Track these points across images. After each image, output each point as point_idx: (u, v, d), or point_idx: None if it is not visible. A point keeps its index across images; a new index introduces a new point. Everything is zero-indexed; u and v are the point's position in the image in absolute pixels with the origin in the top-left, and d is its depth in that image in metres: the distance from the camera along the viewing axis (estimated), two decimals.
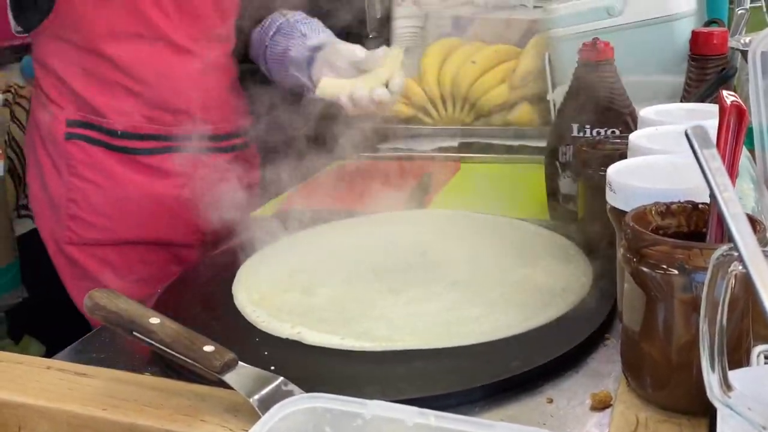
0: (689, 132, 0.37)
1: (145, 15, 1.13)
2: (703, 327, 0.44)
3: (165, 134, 1.21)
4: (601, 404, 0.59)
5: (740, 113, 0.52)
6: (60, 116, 1.19)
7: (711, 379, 0.44)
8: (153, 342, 0.60)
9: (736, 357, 0.51)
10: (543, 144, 1.01)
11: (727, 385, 0.43)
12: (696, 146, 0.37)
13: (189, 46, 1.20)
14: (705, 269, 0.48)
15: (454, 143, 1.39)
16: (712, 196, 0.52)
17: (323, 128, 1.21)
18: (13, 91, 1.79)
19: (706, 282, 0.43)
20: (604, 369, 0.65)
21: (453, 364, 0.66)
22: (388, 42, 1.75)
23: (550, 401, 0.61)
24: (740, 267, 0.40)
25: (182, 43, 1.19)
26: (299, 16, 1.31)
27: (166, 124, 1.21)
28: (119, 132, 1.19)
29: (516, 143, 1.33)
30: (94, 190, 1.19)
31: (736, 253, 0.40)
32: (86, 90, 1.16)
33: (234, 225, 0.95)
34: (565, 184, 0.96)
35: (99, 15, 1.10)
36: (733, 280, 0.42)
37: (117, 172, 1.20)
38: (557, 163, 0.96)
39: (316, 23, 1.31)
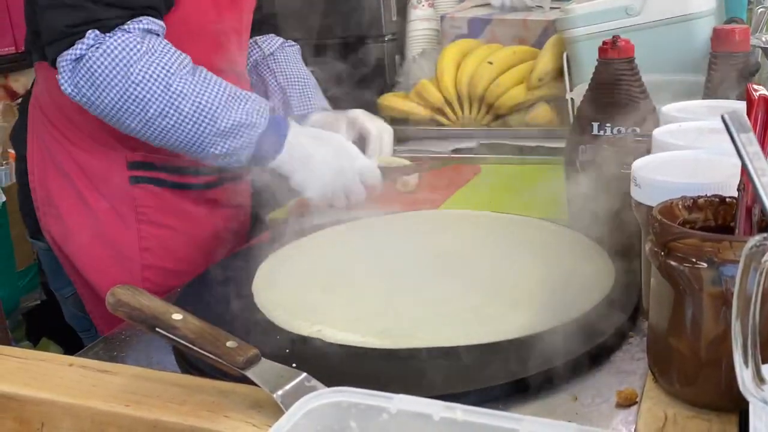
0: (726, 117, 0.37)
1: (229, 51, 1.07)
2: (736, 320, 0.43)
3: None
4: (627, 401, 0.58)
5: None
6: (119, 159, 1.08)
7: (744, 374, 0.43)
8: (176, 338, 0.60)
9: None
10: (561, 144, 1.00)
11: (760, 379, 0.42)
12: (733, 131, 0.36)
13: (245, 74, 1.19)
14: (734, 262, 0.47)
15: (472, 144, 1.39)
16: (741, 189, 0.52)
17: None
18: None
19: (738, 274, 0.42)
20: (629, 366, 0.64)
21: (475, 363, 0.65)
22: (403, 44, 1.75)
23: (575, 399, 0.60)
24: None
25: (243, 72, 1.17)
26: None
27: None
28: (186, 168, 1.10)
29: (534, 144, 1.33)
30: (169, 234, 1.10)
31: None
32: None
33: None
34: (585, 183, 0.95)
35: (185, 51, 0.99)
36: (766, 272, 0.42)
37: (188, 211, 1.12)
38: (577, 162, 0.95)
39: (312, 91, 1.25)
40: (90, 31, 0.92)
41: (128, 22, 0.93)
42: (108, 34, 0.92)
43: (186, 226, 1.11)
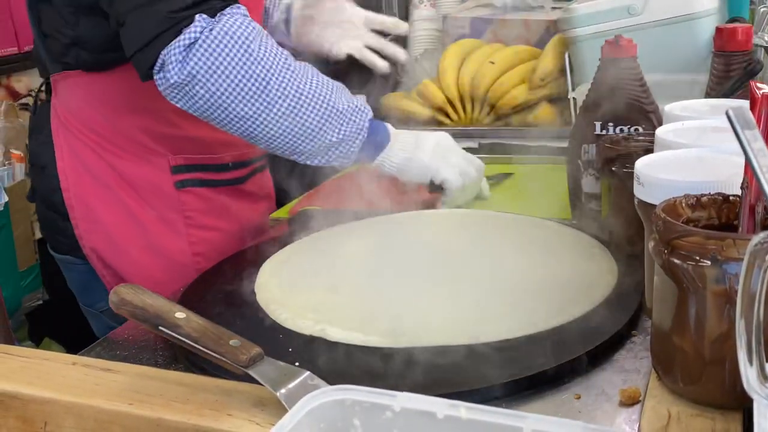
0: (731, 113, 0.36)
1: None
2: (739, 318, 0.43)
3: (259, 155, 1.16)
4: (630, 400, 0.58)
5: None
6: (162, 165, 1.06)
7: (748, 372, 0.43)
8: (179, 336, 0.60)
9: None
10: (563, 144, 1.00)
11: (764, 377, 0.42)
12: (738, 127, 0.36)
13: None
14: (738, 260, 0.47)
15: (474, 144, 1.38)
16: (744, 187, 0.52)
17: None
18: (33, 95, 1.80)
19: (743, 272, 0.42)
20: (632, 365, 0.64)
21: (478, 361, 0.65)
22: (405, 44, 1.75)
23: (578, 397, 0.60)
24: None
25: None
26: None
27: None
28: (230, 164, 1.10)
29: (536, 143, 1.33)
30: (217, 235, 1.08)
31: None
32: (194, 126, 1.02)
33: None
34: (588, 183, 0.95)
35: None
36: None
37: (232, 208, 1.11)
38: (579, 162, 0.95)
39: None
40: (198, 15, 0.88)
41: (230, 7, 0.91)
42: (216, 18, 0.89)
43: (231, 225, 1.10)
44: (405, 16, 1.79)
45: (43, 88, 1.14)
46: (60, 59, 1.04)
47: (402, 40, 1.78)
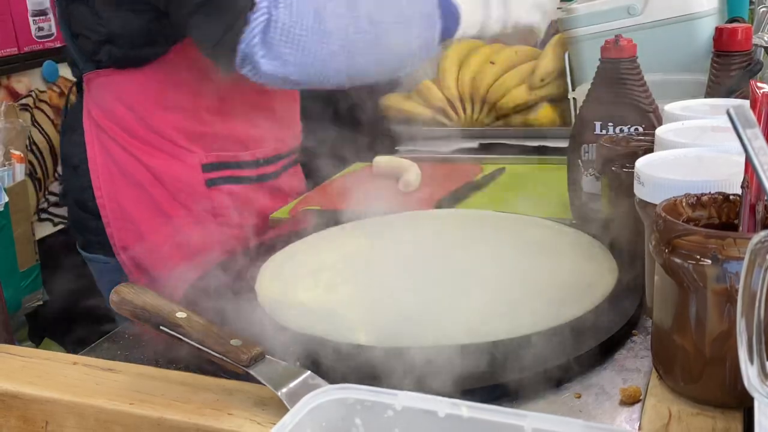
0: (731, 112, 0.37)
1: None
2: (740, 317, 0.43)
3: (289, 151, 1.18)
4: (631, 399, 0.58)
5: None
6: (193, 162, 1.06)
7: (749, 371, 0.43)
8: (180, 336, 0.60)
9: None
10: (564, 144, 1.00)
11: (765, 375, 0.42)
12: (739, 126, 0.36)
13: None
14: (739, 259, 0.47)
15: (474, 144, 1.39)
16: (745, 186, 0.52)
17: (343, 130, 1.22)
18: (34, 95, 1.81)
19: (743, 271, 0.42)
20: (632, 364, 0.64)
21: (479, 361, 0.65)
22: None
23: (579, 396, 0.60)
24: None
25: None
26: None
27: (288, 139, 1.17)
28: (261, 160, 1.11)
29: (536, 144, 1.33)
30: (246, 233, 1.05)
31: None
32: (226, 123, 1.02)
33: None
34: (588, 183, 0.95)
35: None
36: None
37: (260, 205, 1.10)
38: (579, 162, 0.95)
39: None
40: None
41: None
42: None
43: (259, 222, 1.09)
44: None
45: (74, 88, 1.15)
46: (92, 57, 1.05)
47: None
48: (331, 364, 0.65)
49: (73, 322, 1.30)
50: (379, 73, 0.96)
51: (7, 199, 1.75)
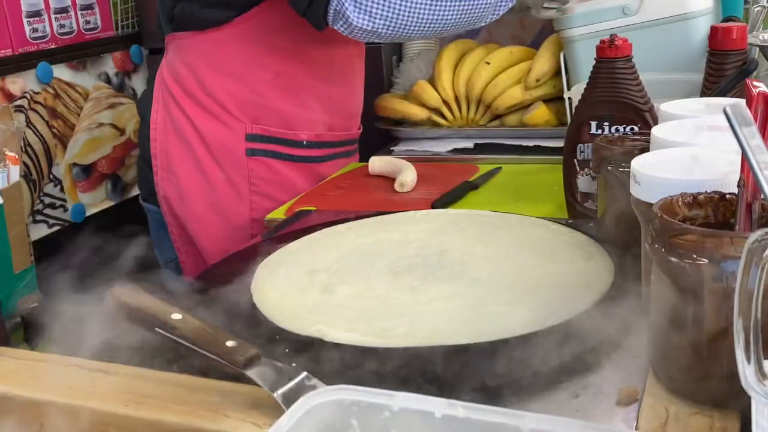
0: (728, 110, 0.36)
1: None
2: (737, 317, 0.43)
3: (338, 140, 1.20)
4: (629, 399, 0.58)
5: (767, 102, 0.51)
6: (238, 130, 1.12)
7: (746, 370, 0.43)
8: (176, 338, 0.59)
9: None
10: (560, 144, 1.00)
11: (762, 375, 0.42)
12: (735, 124, 0.36)
13: (362, 46, 1.21)
14: (735, 258, 0.47)
15: (470, 145, 1.39)
16: (741, 185, 0.52)
17: None
18: (28, 96, 1.80)
19: (740, 270, 0.42)
20: (630, 364, 0.64)
21: (475, 361, 0.65)
22: (400, 45, 1.75)
23: (576, 397, 0.60)
24: None
25: (361, 44, 1.19)
26: None
27: (341, 129, 1.19)
28: (305, 142, 1.15)
29: (532, 143, 1.33)
30: (276, 207, 1.12)
31: None
32: (277, 99, 1.08)
33: None
34: (584, 182, 0.95)
35: None
36: (767, 267, 0.42)
37: (298, 184, 1.15)
38: (575, 162, 0.95)
39: None
40: None
41: None
42: None
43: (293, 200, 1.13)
44: None
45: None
46: (168, 17, 1.11)
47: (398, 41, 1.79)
48: (328, 365, 0.65)
49: (69, 323, 1.29)
50: (461, 23, 1.00)
51: (1, 200, 1.74)
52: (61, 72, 1.86)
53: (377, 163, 1.24)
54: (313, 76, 1.12)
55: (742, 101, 0.53)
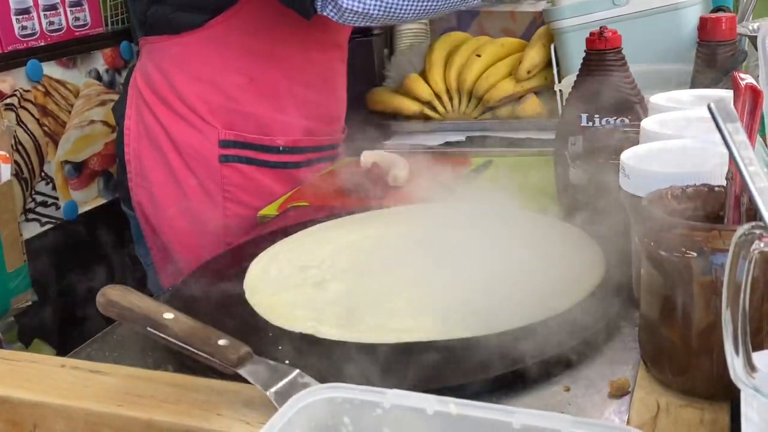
0: (712, 106, 0.37)
1: (328, 21, 1.04)
2: (726, 309, 0.43)
3: (318, 145, 1.18)
4: (620, 391, 0.58)
5: (755, 94, 0.52)
6: (211, 136, 1.10)
7: (735, 362, 0.43)
8: (167, 337, 0.59)
9: (758, 339, 0.51)
10: (551, 136, 1.00)
11: (751, 367, 0.43)
12: (719, 120, 0.36)
13: (344, 50, 1.19)
14: (724, 251, 0.47)
15: (462, 138, 1.39)
16: (729, 177, 0.52)
17: None
18: (18, 95, 1.79)
19: (728, 262, 0.42)
20: (621, 356, 0.64)
21: (468, 356, 0.65)
22: (391, 38, 1.75)
23: (568, 389, 0.60)
24: (762, 245, 0.40)
25: (343, 47, 1.17)
26: None
27: (320, 134, 1.17)
28: (281, 148, 1.12)
29: (524, 136, 1.33)
30: (251, 213, 1.10)
31: (758, 231, 0.39)
32: (252, 104, 1.05)
33: None
34: (575, 175, 0.95)
35: (284, 20, 1.02)
36: (755, 260, 0.42)
37: (274, 191, 1.13)
38: (566, 154, 0.95)
39: None
40: None
41: None
42: None
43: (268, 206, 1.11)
44: None
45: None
46: (141, 21, 1.10)
47: (389, 35, 1.78)
48: (321, 362, 0.65)
49: (63, 322, 1.29)
50: (451, 4, 0.98)
51: None
52: (51, 69, 1.84)
53: (369, 158, 1.24)
54: (290, 79, 1.09)
55: (730, 94, 0.53)
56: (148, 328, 0.60)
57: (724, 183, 0.54)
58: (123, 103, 1.18)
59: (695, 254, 0.50)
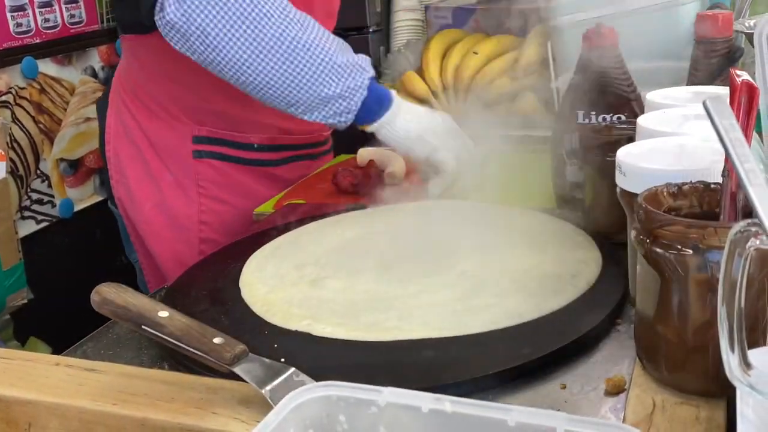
0: (708, 103, 0.36)
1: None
2: (721, 306, 0.43)
3: (297, 143, 1.17)
4: (616, 389, 0.58)
5: (751, 91, 0.51)
6: (185, 132, 1.09)
7: (730, 359, 0.43)
8: (163, 336, 0.59)
9: (753, 336, 0.51)
10: (547, 133, 1.00)
11: (746, 364, 0.43)
12: (715, 117, 0.36)
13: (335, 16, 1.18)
14: (720, 248, 0.47)
15: None
16: (725, 174, 0.52)
17: None
18: (13, 92, 1.79)
19: (724, 259, 0.42)
20: (617, 354, 0.64)
21: (464, 353, 0.65)
22: (388, 35, 1.75)
23: (564, 387, 0.60)
24: (758, 242, 0.40)
25: (334, 13, 1.16)
26: None
27: (300, 133, 1.16)
28: (256, 145, 1.12)
29: (520, 133, 1.32)
30: (227, 209, 1.11)
31: (753, 229, 0.39)
32: (223, 102, 1.04)
33: None
34: (572, 172, 0.95)
35: None
36: (750, 258, 0.42)
37: (251, 187, 1.13)
38: (563, 151, 0.95)
39: None
40: None
41: None
42: None
43: (246, 203, 1.11)
44: (388, 6, 1.79)
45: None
46: (119, 18, 1.12)
47: (385, 32, 1.78)
48: (316, 360, 0.65)
49: (59, 319, 1.29)
50: (272, 98, 0.95)
51: None
52: (47, 67, 1.84)
53: (366, 155, 1.24)
54: None
55: (726, 90, 0.53)
56: (143, 326, 0.60)
57: (720, 180, 0.54)
58: (105, 101, 1.19)
59: (691, 251, 0.50)
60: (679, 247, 0.50)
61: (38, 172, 1.86)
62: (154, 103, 1.10)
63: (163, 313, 0.60)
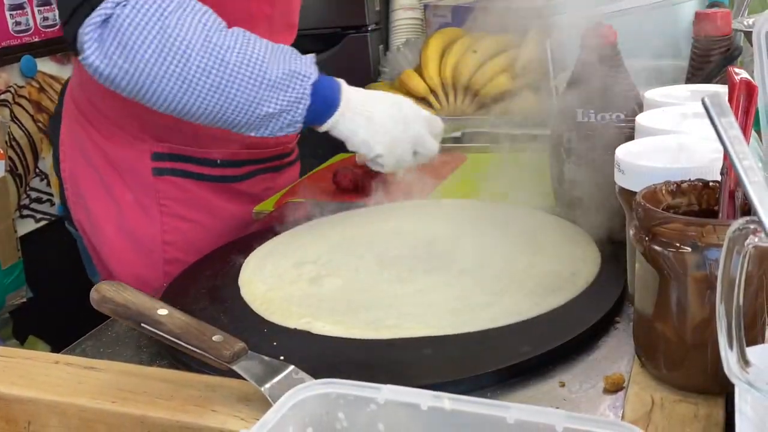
0: (706, 101, 0.36)
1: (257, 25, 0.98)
2: (720, 304, 0.43)
3: (261, 157, 1.14)
4: (614, 386, 0.58)
5: (750, 89, 0.52)
6: (143, 149, 1.05)
7: (729, 356, 0.43)
8: (162, 333, 0.59)
9: (752, 334, 0.51)
10: (546, 132, 1.00)
11: (745, 362, 0.43)
12: (713, 115, 0.36)
13: (296, 25, 1.14)
14: (718, 246, 0.47)
15: (458, 134, 1.38)
16: (724, 172, 0.52)
17: None
18: (12, 90, 1.79)
19: (722, 257, 0.42)
20: (616, 352, 0.64)
21: (463, 351, 0.65)
22: (387, 34, 1.75)
23: (563, 385, 0.60)
24: (756, 240, 0.40)
25: (295, 24, 1.12)
26: None
27: (264, 147, 1.12)
28: (219, 161, 1.07)
29: (519, 131, 1.32)
30: (192, 228, 1.06)
31: (752, 226, 0.39)
32: (186, 123, 0.96)
33: None
34: (570, 170, 0.95)
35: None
36: (749, 255, 0.42)
37: (214, 203, 1.08)
38: (562, 149, 0.95)
39: None
40: None
41: None
42: None
43: (210, 220, 1.08)
44: (387, 5, 1.79)
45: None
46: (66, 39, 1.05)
47: (384, 30, 1.78)
48: (315, 358, 0.65)
49: (58, 318, 1.29)
50: (213, 123, 0.90)
51: None
52: (46, 65, 1.84)
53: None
54: None
55: (725, 88, 0.53)
56: (143, 324, 0.60)
57: (719, 178, 0.54)
58: (58, 118, 1.13)
59: (689, 249, 0.50)
60: (678, 244, 0.50)
61: (37, 170, 1.86)
62: (110, 120, 1.05)
63: (163, 311, 0.60)
